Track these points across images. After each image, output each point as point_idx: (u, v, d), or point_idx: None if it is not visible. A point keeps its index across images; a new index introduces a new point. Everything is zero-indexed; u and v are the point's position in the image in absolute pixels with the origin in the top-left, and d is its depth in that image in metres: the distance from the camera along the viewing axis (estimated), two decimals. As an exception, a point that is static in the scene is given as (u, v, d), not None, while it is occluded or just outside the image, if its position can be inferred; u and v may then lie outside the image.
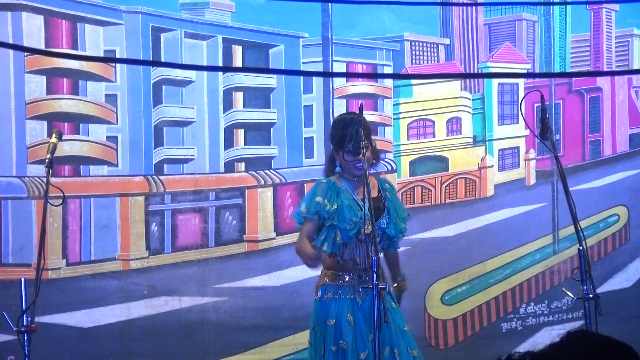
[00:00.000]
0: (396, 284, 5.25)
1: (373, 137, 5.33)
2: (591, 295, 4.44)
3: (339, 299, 5.02)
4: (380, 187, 5.16)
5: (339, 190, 5.07)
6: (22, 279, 4.50)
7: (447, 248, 7.31)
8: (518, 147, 7.69)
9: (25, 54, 6.23)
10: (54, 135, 4.81)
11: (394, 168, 7.22)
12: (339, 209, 5.03)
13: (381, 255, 5.09)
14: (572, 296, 4.63)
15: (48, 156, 4.66)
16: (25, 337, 4.45)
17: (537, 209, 7.65)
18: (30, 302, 4.43)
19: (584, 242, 4.48)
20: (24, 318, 4.45)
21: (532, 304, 7.55)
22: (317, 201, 5.04)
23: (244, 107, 6.84)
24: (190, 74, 6.66)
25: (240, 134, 6.82)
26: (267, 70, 7.20)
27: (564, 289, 5.06)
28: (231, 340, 6.62)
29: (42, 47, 6.22)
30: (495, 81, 7.57)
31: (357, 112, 4.76)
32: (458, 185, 7.49)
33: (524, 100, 5.28)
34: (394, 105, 7.27)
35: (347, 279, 5.04)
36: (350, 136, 4.79)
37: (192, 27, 6.63)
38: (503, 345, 7.18)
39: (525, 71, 7.76)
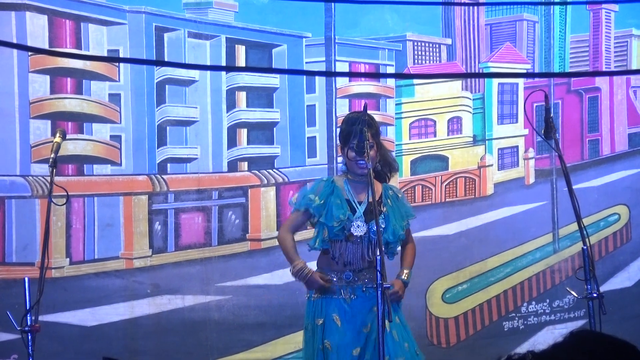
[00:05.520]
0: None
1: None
2: (595, 295, 4.43)
3: (327, 298, 5.01)
4: (383, 194, 5.09)
5: (335, 189, 5.07)
6: (26, 279, 4.49)
7: (447, 246, 7.31)
8: (517, 147, 7.70)
9: (29, 53, 6.23)
10: (57, 134, 4.81)
11: (396, 167, 7.22)
12: (327, 205, 5.04)
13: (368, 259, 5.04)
14: (577, 295, 4.63)
15: (52, 156, 4.66)
16: (29, 337, 4.43)
17: (536, 208, 7.65)
18: (34, 301, 4.42)
19: (587, 241, 4.47)
20: (28, 317, 4.44)
21: (533, 302, 7.53)
22: (308, 197, 5.07)
23: (247, 106, 6.84)
24: (194, 74, 6.66)
25: (243, 133, 6.83)
26: (270, 70, 7.20)
27: (567, 288, 5.06)
28: (234, 338, 6.63)
29: (46, 46, 6.22)
30: (496, 81, 7.57)
31: (364, 111, 4.79)
32: (458, 184, 7.50)
33: (526, 100, 5.30)
34: (396, 104, 7.27)
35: (335, 279, 5.02)
36: (355, 134, 4.83)
37: (196, 26, 6.63)
38: (505, 344, 7.18)
39: (525, 71, 7.77)
